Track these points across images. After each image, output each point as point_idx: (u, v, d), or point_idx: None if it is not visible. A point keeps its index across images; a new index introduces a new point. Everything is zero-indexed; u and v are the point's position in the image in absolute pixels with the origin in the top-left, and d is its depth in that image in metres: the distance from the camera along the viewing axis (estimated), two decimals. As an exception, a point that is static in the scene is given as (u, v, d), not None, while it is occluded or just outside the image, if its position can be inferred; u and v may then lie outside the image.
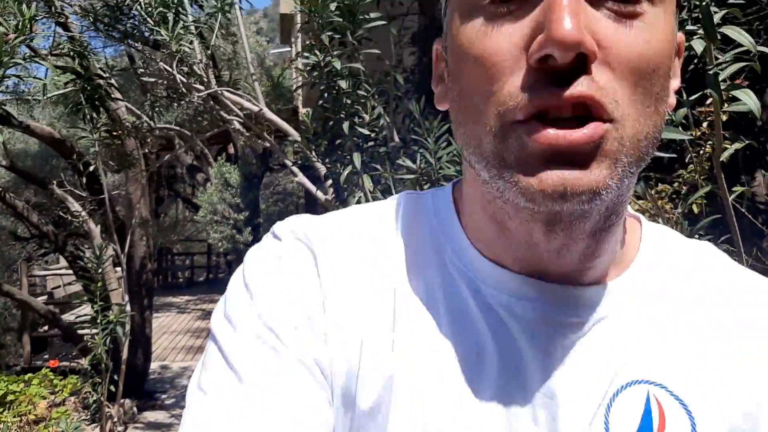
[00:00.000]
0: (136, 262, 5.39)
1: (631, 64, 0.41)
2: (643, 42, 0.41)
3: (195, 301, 12.50)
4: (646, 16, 0.42)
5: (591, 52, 0.39)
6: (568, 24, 0.38)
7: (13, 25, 2.33)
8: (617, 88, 0.41)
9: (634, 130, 0.41)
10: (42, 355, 7.45)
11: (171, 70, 3.86)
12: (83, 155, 5.01)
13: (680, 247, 0.56)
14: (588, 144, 0.40)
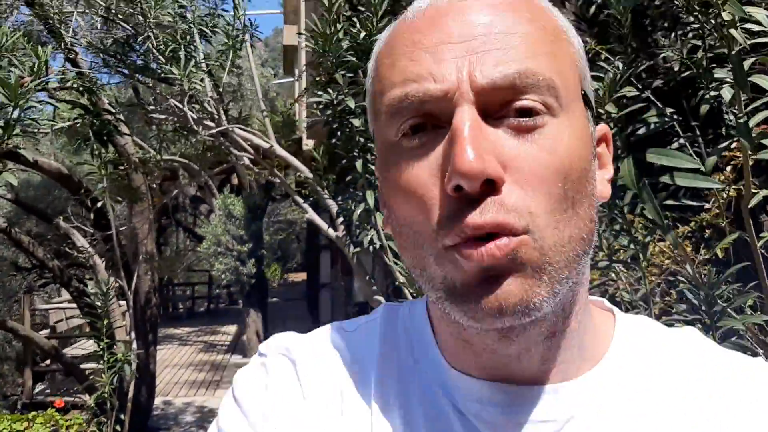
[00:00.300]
0: (141, 296, 5.34)
1: (539, 177, 0.43)
2: (547, 153, 0.44)
3: (196, 332, 12.41)
4: (547, 127, 0.44)
5: (496, 177, 0.42)
6: (470, 156, 0.41)
7: (28, 68, 2.31)
8: (530, 202, 0.43)
9: (555, 238, 0.44)
10: (44, 390, 7.36)
11: (182, 107, 3.86)
12: (90, 190, 4.99)
13: (657, 339, 0.55)
14: (505, 256, 0.42)
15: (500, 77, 0.44)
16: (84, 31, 4.96)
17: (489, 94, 0.44)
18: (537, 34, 0.46)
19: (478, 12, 0.46)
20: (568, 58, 0.48)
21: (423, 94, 0.45)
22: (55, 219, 5.61)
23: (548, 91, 0.44)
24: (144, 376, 5.34)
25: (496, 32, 0.45)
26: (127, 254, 5.23)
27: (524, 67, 0.44)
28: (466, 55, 0.45)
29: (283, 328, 2.90)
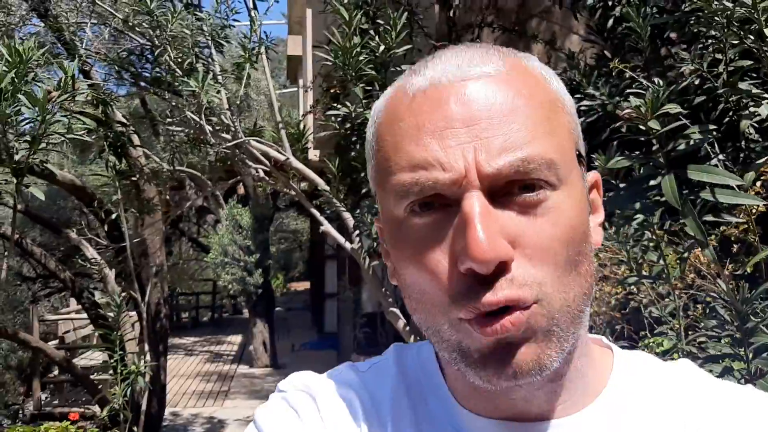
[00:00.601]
0: (152, 308, 5.33)
1: (545, 248, 0.47)
2: (551, 226, 0.47)
3: (201, 342, 12.39)
4: (549, 201, 0.47)
5: (507, 258, 0.45)
6: (482, 244, 0.44)
7: (55, 83, 2.32)
8: (538, 274, 0.46)
9: (561, 302, 0.47)
10: (50, 401, 7.34)
11: (198, 119, 3.86)
12: (103, 202, 4.98)
13: (654, 373, 0.57)
14: (518, 329, 0.46)
15: (505, 165, 0.46)
16: (97, 42, 4.97)
17: (495, 179, 0.46)
18: (536, 114, 0.48)
19: (479, 93, 0.48)
20: (565, 129, 0.51)
21: (433, 183, 0.47)
22: (65, 230, 5.61)
23: (549, 169, 0.47)
24: (154, 388, 5.33)
25: (498, 116, 0.47)
26: (139, 266, 5.22)
27: (526, 153, 0.46)
28: (471, 141, 0.47)
29: (288, 339, 2.94)
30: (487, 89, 0.48)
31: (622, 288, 2.78)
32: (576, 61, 3.54)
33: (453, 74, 0.50)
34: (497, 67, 0.50)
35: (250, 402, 7.73)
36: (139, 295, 4.74)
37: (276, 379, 8.93)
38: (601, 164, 1.74)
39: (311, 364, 4.49)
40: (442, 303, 0.48)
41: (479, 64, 0.50)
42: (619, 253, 2.50)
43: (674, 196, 1.38)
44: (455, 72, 0.50)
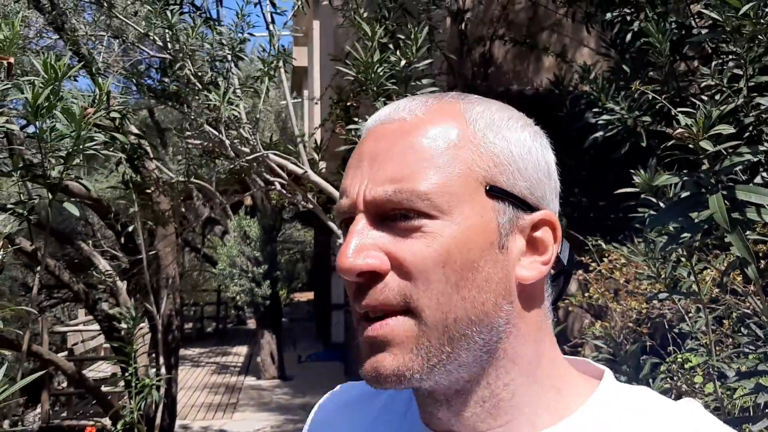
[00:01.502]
0: (164, 320, 5.33)
1: (417, 266, 0.52)
2: (424, 247, 0.52)
3: (207, 353, 12.37)
4: (425, 228, 0.53)
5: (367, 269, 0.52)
6: (347, 257, 0.52)
7: (90, 99, 2.33)
8: (409, 287, 0.52)
9: (435, 318, 0.52)
10: (59, 413, 7.32)
11: (217, 133, 3.88)
12: (119, 215, 4.99)
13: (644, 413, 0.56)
14: (386, 334, 0.52)
15: (380, 194, 0.54)
16: (110, 56, 4.99)
17: (373, 205, 0.54)
18: (428, 152, 0.55)
19: (386, 134, 0.57)
20: (461, 166, 0.55)
21: (341, 207, 0.57)
22: (77, 242, 5.62)
23: (421, 201, 0.53)
24: (166, 400, 5.32)
25: (393, 153, 0.55)
26: (153, 278, 5.23)
27: (400, 186, 0.53)
28: (365, 174, 0.55)
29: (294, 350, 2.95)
30: (394, 131, 0.56)
31: (646, 303, 2.79)
32: (590, 75, 3.56)
33: (380, 119, 0.59)
34: (414, 113, 0.57)
35: (259, 414, 7.71)
36: (154, 307, 4.74)
37: (284, 392, 8.91)
38: (644, 182, 1.76)
39: (319, 377, 4.59)
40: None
41: (403, 110, 0.58)
42: (642, 268, 2.51)
43: (723, 216, 1.39)
44: (383, 117, 0.59)
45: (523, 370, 0.56)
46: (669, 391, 2.37)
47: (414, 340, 0.52)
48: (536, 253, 0.57)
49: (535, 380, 0.57)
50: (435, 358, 0.52)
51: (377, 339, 0.53)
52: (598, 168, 4.02)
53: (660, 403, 0.57)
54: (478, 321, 0.53)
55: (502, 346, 0.55)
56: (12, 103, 2.10)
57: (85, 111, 2.19)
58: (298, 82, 14.40)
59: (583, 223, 4.06)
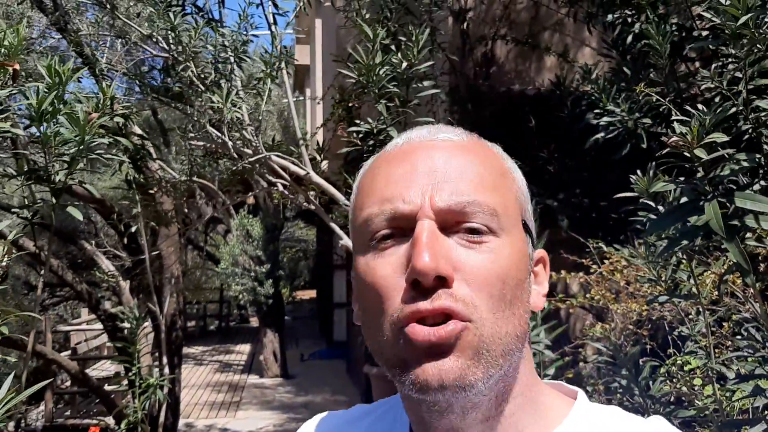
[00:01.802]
0: (167, 319, 5.36)
1: (482, 279, 0.54)
2: (489, 262, 0.55)
3: (210, 351, 12.41)
4: (490, 243, 0.56)
5: (446, 274, 0.53)
6: (425, 257, 0.52)
7: (93, 104, 2.35)
8: (474, 297, 0.54)
9: (493, 330, 0.54)
10: (63, 412, 7.35)
11: (220, 134, 3.89)
12: (122, 215, 5.01)
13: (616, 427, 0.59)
14: (450, 337, 0.52)
15: (454, 203, 0.56)
16: (119, 56, 5.01)
17: (445, 214, 0.56)
18: (485, 173, 0.58)
19: (440, 151, 0.59)
20: (511, 194, 0.60)
21: (394, 212, 0.57)
22: (80, 241, 5.64)
23: (491, 217, 0.56)
24: (170, 400, 5.34)
25: (453, 171, 0.58)
26: (156, 278, 5.25)
27: (472, 198, 0.56)
28: (429, 183, 0.57)
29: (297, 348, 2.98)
30: (448, 150, 0.59)
31: (647, 305, 2.80)
32: (592, 75, 3.57)
33: (423, 136, 0.62)
34: (460, 137, 0.61)
35: (263, 413, 7.73)
36: (157, 307, 4.76)
37: (287, 390, 8.94)
38: (643, 187, 1.77)
39: (321, 374, 4.62)
40: (387, 316, 0.55)
41: (446, 132, 0.62)
42: (643, 271, 2.53)
43: (719, 224, 1.40)
44: (426, 135, 0.62)
45: (522, 389, 0.59)
46: (668, 393, 2.38)
47: (475, 348, 0.53)
48: (538, 285, 0.63)
49: (529, 399, 0.60)
50: (492, 369, 0.54)
51: (439, 343, 0.53)
52: (599, 169, 4.03)
53: (630, 419, 0.60)
54: (521, 337, 0.56)
55: (517, 367, 0.59)
56: (17, 107, 2.11)
57: (89, 116, 2.21)
58: (301, 81, 14.39)
59: (584, 223, 4.07)
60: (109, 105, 2.34)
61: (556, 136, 4.49)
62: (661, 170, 2.17)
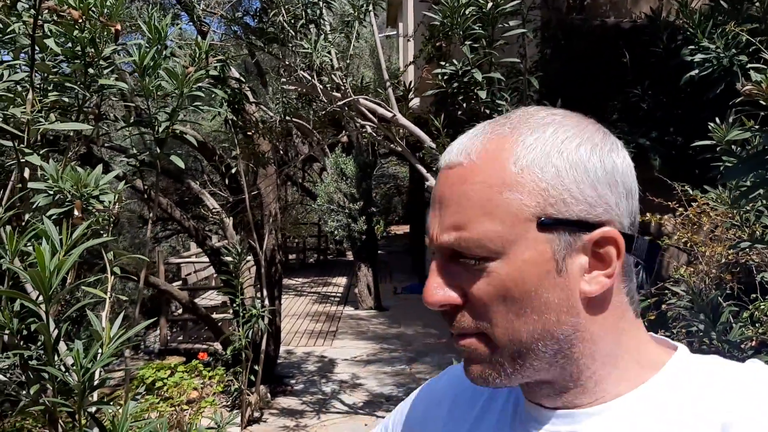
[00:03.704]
0: (267, 254, 5.67)
1: (483, 301, 0.62)
2: (485, 285, 0.61)
3: (309, 283, 12.98)
4: (488, 265, 0.61)
5: (448, 303, 0.64)
6: (429, 293, 0.64)
7: (189, 59, 2.50)
8: (481, 316, 0.62)
9: (506, 341, 0.62)
10: (176, 337, 7.97)
11: (311, 79, 4.02)
12: (224, 157, 5.29)
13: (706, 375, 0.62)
14: (468, 349, 0.64)
15: (446, 241, 0.63)
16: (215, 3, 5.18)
17: (443, 248, 0.64)
18: (480, 199, 0.61)
19: (449, 179, 0.64)
20: (509, 211, 0.61)
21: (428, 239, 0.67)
22: (187, 180, 6.00)
23: (479, 248, 0.61)
24: (271, 329, 5.71)
25: (454, 199, 0.63)
26: (256, 215, 5.54)
27: (459, 235, 0.62)
28: (436, 217, 0.64)
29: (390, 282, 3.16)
30: (454, 177, 0.64)
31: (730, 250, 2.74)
32: (689, 10, 3.41)
33: (446, 161, 0.66)
34: (470, 158, 0.64)
35: (357, 342, 8.10)
36: (257, 243, 5.05)
37: (380, 321, 9.30)
38: (720, 135, 1.75)
39: (413, 308, 4.82)
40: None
41: (461, 152, 0.65)
42: (731, 216, 2.48)
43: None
44: (447, 159, 0.66)
45: (605, 362, 0.64)
46: (750, 338, 2.37)
47: (489, 356, 0.64)
48: (600, 266, 0.62)
49: (616, 366, 0.64)
50: (509, 368, 0.63)
51: (464, 351, 0.65)
52: (694, 107, 3.87)
53: (727, 364, 0.63)
54: (541, 337, 0.62)
55: (578, 349, 0.63)
56: (122, 62, 2.29)
57: (186, 70, 2.37)
58: (394, 15, 14.24)
59: (678, 163, 3.96)
60: (204, 58, 2.49)
61: (651, 73, 4.32)
62: (744, 116, 2.11)
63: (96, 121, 2.92)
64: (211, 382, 5.05)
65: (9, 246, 1.14)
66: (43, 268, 1.04)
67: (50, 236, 1.15)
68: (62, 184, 1.80)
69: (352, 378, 6.60)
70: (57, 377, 1.12)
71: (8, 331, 1.16)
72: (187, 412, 4.54)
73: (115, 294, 1.56)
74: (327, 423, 5.36)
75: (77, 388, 1.10)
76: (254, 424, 5.31)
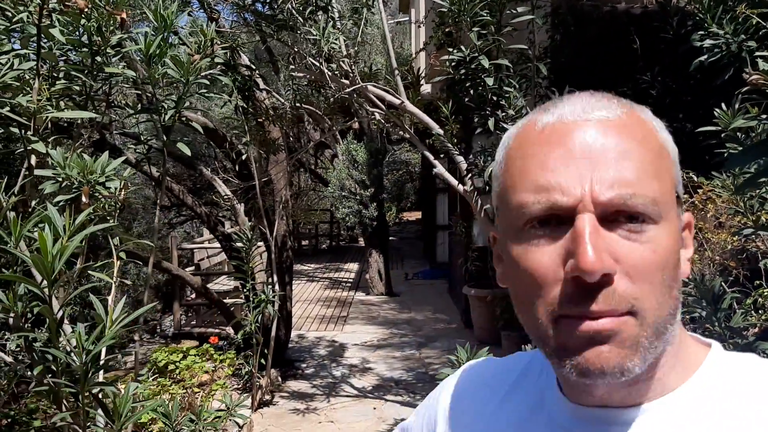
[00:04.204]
0: (278, 240, 5.71)
1: (644, 270, 0.55)
2: (651, 253, 0.55)
3: (321, 269, 13.05)
4: (650, 233, 0.55)
5: (611, 271, 0.54)
6: (590, 257, 0.53)
7: (195, 46, 2.53)
8: (636, 290, 0.55)
9: (654, 318, 0.55)
10: (189, 321, 8.07)
11: (319, 66, 4.03)
12: (234, 143, 5.32)
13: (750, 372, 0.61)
14: (612, 330, 0.54)
15: (616, 196, 0.55)
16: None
17: (606, 207, 0.55)
18: (645, 158, 0.57)
19: (597, 132, 0.57)
20: (668, 174, 0.59)
21: (553, 204, 0.57)
22: (199, 167, 6.05)
23: (651, 207, 0.55)
24: (282, 314, 5.76)
25: (613, 154, 0.56)
26: (266, 201, 5.59)
27: (635, 190, 0.55)
28: (587, 171, 0.56)
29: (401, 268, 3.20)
30: (606, 130, 0.57)
31: (734, 237, 2.74)
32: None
33: (578, 114, 0.59)
34: (616, 113, 0.59)
35: (368, 327, 8.16)
36: (267, 229, 5.10)
37: (391, 307, 9.35)
38: (726, 122, 1.76)
39: (424, 293, 4.88)
40: (547, 303, 0.57)
41: (601, 108, 0.59)
42: (735, 203, 2.48)
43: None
44: (580, 113, 0.59)
45: (674, 351, 0.61)
46: (753, 325, 2.37)
47: (635, 337, 0.55)
48: (685, 249, 0.62)
49: (678, 359, 0.62)
50: (650, 354, 0.56)
51: (601, 335, 0.55)
52: (703, 93, 3.85)
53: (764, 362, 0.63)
54: (674, 314, 0.58)
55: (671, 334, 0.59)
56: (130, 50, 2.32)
57: (192, 58, 2.40)
58: (406, 1, 14.19)
59: (686, 149, 3.94)
60: (210, 45, 2.52)
61: (661, 59, 4.30)
62: (750, 104, 2.11)
63: (106, 108, 2.96)
64: (223, 366, 5.12)
65: (13, 231, 1.17)
66: (45, 253, 1.08)
67: (53, 222, 1.18)
68: (69, 171, 1.83)
69: (362, 362, 6.66)
70: (60, 359, 1.16)
71: (13, 313, 1.20)
72: (199, 394, 4.61)
73: (120, 279, 1.60)
74: (337, 406, 5.43)
75: (80, 370, 1.14)
76: (265, 407, 5.38)
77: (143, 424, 4.10)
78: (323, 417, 5.20)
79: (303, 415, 5.25)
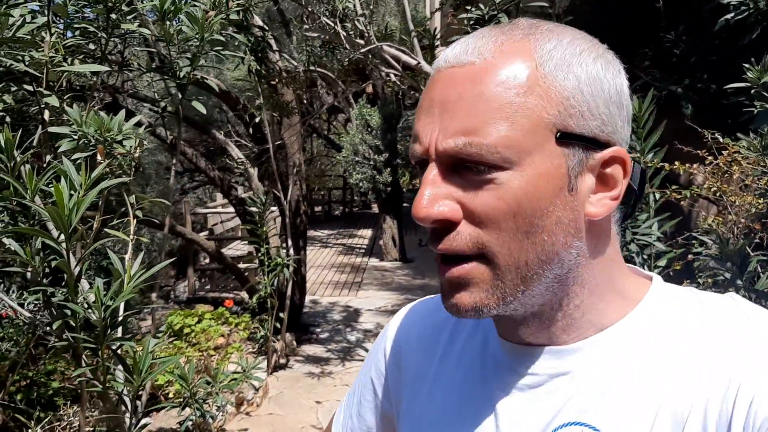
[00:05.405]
0: (291, 205, 5.70)
1: (489, 217, 0.55)
2: (495, 200, 0.55)
3: (335, 235, 13.07)
4: (497, 179, 0.55)
5: (441, 217, 0.56)
6: (422, 206, 0.56)
7: (210, 2, 2.47)
8: (483, 235, 0.56)
9: (506, 263, 0.56)
10: (203, 286, 8.12)
11: (333, 26, 3.96)
12: (247, 106, 5.27)
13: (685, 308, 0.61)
14: (461, 276, 0.57)
15: (451, 146, 0.56)
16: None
17: (444, 156, 0.56)
18: (497, 102, 0.55)
19: (456, 80, 0.57)
20: (530, 116, 0.55)
21: (414, 151, 0.60)
22: (212, 131, 6.02)
23: (492, 154, 0.54)
24: (296, 278, 5.77)
25: (464, 101, 0.56)
26: (280, 166, 5.55)
27: (471, 139, 0.55)
28: (436, 122, 0.57)
29: (415, 234, 3.17)
30: (465, 77, 0.57)
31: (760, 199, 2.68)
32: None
33: (449, 60, 0.59)
34: (483, 56, 0.57)
35: (382, 293, 8.18)
36: (281, 193, 5.07)
37: (405, 273, 9.36)
38: (755, 77, 1.70)
39: (440, 261, 4.71)
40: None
41: (472, 52, 0.57)
42: (762, 165, 2.42)
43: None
44: (452, 59, 0.58)
45: (592, 291, 0.61)
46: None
47: (489, 282, 0.57)
48: (606, 188, 0.59)
49: (602, 299, 0.61)
50: (510, 296, 0.57)
51: (454, 280, 0.58)
52: (729, 52, 3.74)
53: (704, 295, 0.62)
54: (549, 260, 0.57)
55: (573, 275, 0.59)
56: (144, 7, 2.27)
57: (207, 15, 2.35)
58: (422, -38, 13.93)
59: (710, 111, 3.85)
60: (225, 2, 2.46)
61: (685, 17, 4.18)
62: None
63: (119, 68, 2.91)
64: (238, 329, 5.15)
65: (29, 184, 1.14)
66: (62, 206, 1.05)
67: (69, 175, 1.15)
68: (86, 128, 1.80)
69: (376, 327, 6.68)
70: (79, 314, 1.14)
71: (31, 268, 1.18)
72: (214, 357, 4.64)
73: (136, 237, 1.58)
74: (351, 370, 5.46)
75: (99, 324, 1.12)
76: (280, 370, 5.42)
77: (160, 386, 4.14)
78: (338, 380, 5.24)
79: (318, 378, 5.29)
